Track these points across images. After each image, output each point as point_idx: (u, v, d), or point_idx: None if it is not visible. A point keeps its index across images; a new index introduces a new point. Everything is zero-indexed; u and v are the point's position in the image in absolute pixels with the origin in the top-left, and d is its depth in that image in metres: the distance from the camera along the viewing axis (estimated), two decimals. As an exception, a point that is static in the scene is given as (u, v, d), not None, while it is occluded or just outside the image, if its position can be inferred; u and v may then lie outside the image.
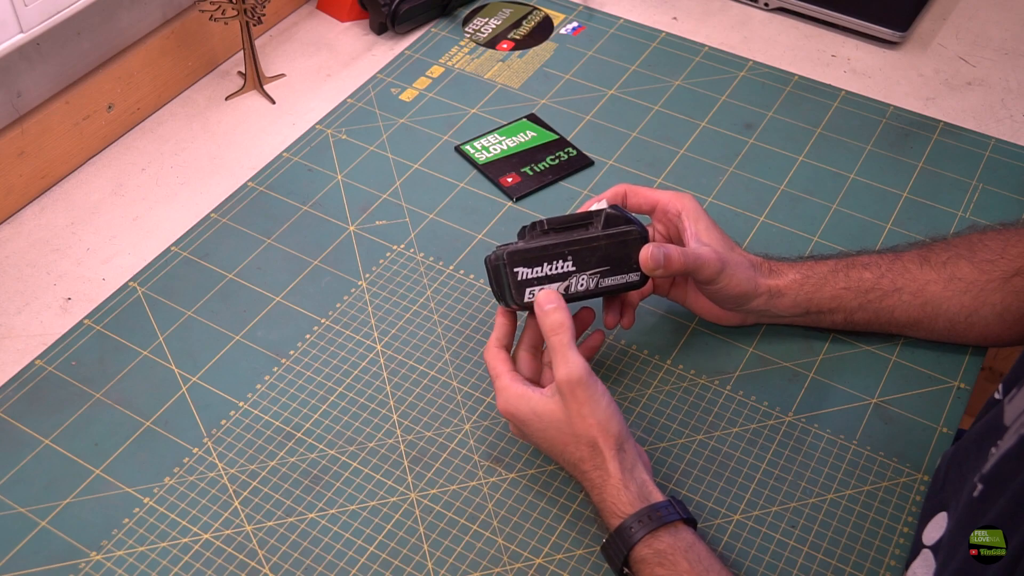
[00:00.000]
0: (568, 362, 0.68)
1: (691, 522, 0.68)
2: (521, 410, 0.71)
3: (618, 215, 0.75)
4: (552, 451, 0.71)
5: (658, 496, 0.67)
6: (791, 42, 1.15)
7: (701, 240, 0.77)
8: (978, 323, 0.79)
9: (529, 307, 0.73)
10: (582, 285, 0.73)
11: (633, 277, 0.74)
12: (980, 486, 0.60)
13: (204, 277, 0.89)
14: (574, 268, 0.73)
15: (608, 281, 0.74)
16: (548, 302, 0.71)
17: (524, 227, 0.75)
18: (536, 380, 0.74)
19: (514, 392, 0.71)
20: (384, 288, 0.88)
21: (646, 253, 0.73)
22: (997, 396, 0.69)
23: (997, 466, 0.59)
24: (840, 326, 0.82)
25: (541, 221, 0.74)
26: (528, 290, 0.72)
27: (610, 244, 0.73)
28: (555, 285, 0.73)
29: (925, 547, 0.67)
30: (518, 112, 1.05)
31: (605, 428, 0.68)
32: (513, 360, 0.75)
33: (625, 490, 0.67)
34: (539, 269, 0.72)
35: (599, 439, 0.68)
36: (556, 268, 0.73)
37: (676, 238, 0.80)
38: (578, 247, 0.73)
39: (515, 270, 0.72)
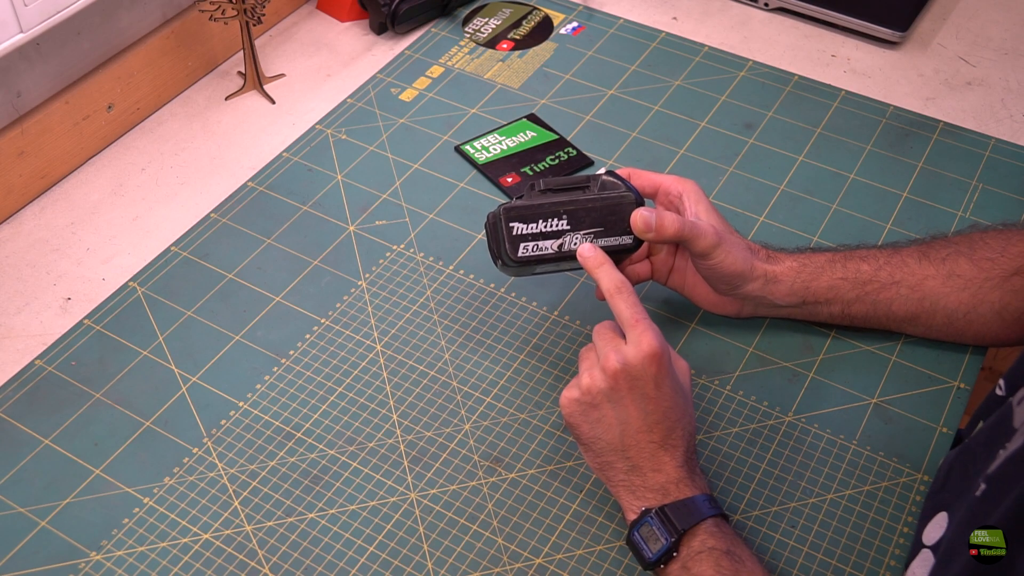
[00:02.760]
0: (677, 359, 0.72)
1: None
2: (665, 359, 0.67)
3: (615, 181, 0.76)
4: (655, 411, 0.67)
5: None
6: (791, 42, 1.15)
7: (700, 217, 0.77)
8: (976, 320, 0.79)
9: (521, 263, 0.74)
10: (575, 244, 0.75)
11: (627, 240, 0.76)
12: (983, 486, 0.60)
13: (204, 277, 0.89)
14: (568, 227, 0.74)
15: (601, 242, 0.75)
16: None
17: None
18: None
19: (661, 341, 0.68)
20: (384, 288, 0.88)
21: (638, 215, 0.74)
22: (1000, 392, 0.69)
23: (1002, 467, 0.59)
24: (837, 319, 0.82)
25: (539, 181, 0.76)
26: (523, 245, 0.74)
27: (604, 206, 0.75)
28: (549, 242, 0.74)
29: (925, 547, 0.67)
30: (518, 112, 1.05)
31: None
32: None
33: (703, 478, 0.69)
34: (534, 225, 0.74)
35: (694, 429, 0.70)
36: (551, 225, 0.74)
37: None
38: (573, 207, 0.75)
39: (511, 225, 0.74)
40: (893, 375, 0.82)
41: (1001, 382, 0.69)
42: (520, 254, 0.74)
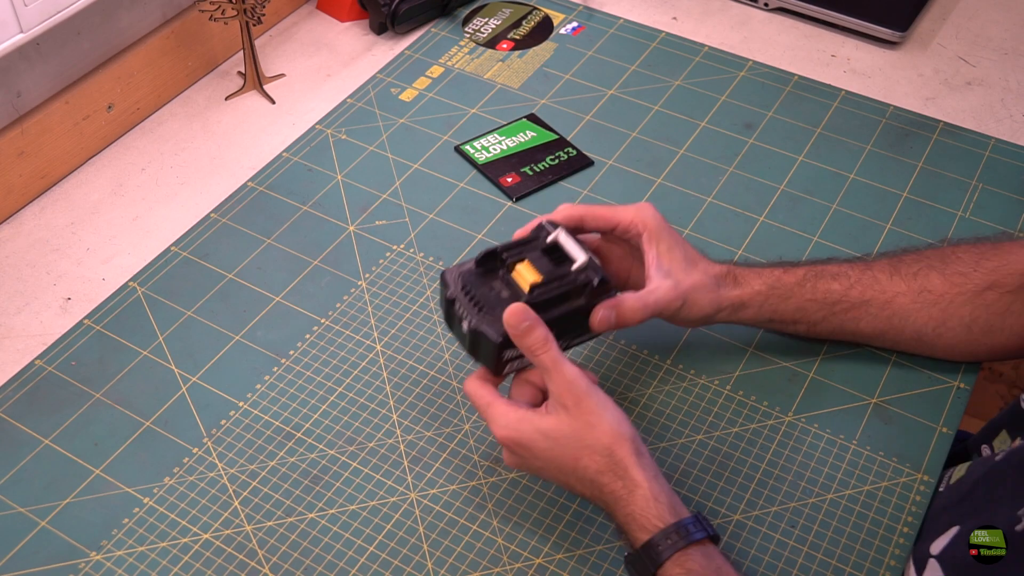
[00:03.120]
0: (565, 374, 0.66)
1: (715, 539, 0.65)
2: (525, 432, 0.67)
3: (566, 244, 0.72)
4: (563, 471, 0.67)
5: (684, 511, 0.65)
6: (791, 42, 1.15)
7: (663, 266, 0.74)
8: (946, 335, 0.78)
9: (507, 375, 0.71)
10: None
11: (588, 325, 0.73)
12: None
13: (204, 277, 0.89)
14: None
15: (576, 341, 0.74)
16: (521, 320, 0.67)
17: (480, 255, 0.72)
18: (535, 404, 0.71)
19: (513, 416, 0.67)
20: (384, 288, 0.88)
21: (597, 317, 0.72)
22: None
23: None
24: (803, 335, 0.81)
25: (494, 250, 0.71)
26: (508, 365, 0.71)
27: (572, 314, 0.71)
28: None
29: (932, 557, 0.66)
30: (518, 112, 1.05)
31: (619, 433, 0.65)
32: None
33: (655, 502, 0.64)
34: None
35: (614, 446, 0.65)
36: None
37: (638, 256, 0.77)
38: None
39: (502, 350, 0.69)
40: (893, 375, 0.82)
41: None
42: (506, 371, 0.71)
